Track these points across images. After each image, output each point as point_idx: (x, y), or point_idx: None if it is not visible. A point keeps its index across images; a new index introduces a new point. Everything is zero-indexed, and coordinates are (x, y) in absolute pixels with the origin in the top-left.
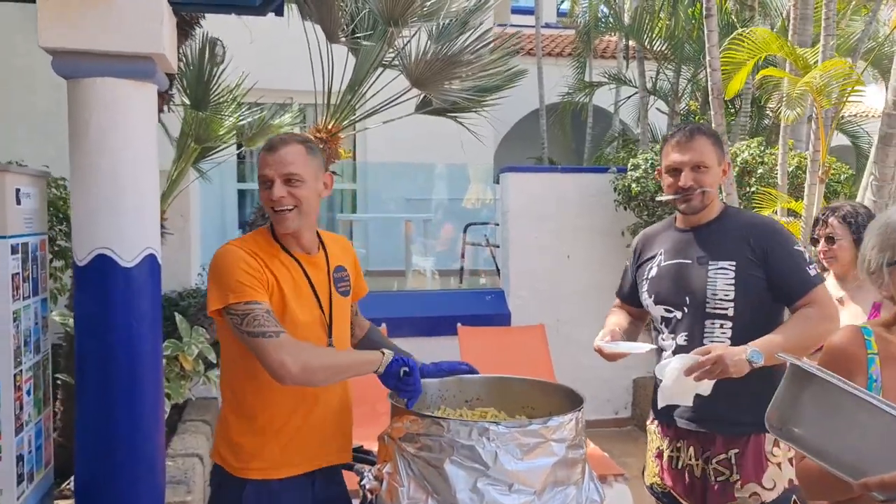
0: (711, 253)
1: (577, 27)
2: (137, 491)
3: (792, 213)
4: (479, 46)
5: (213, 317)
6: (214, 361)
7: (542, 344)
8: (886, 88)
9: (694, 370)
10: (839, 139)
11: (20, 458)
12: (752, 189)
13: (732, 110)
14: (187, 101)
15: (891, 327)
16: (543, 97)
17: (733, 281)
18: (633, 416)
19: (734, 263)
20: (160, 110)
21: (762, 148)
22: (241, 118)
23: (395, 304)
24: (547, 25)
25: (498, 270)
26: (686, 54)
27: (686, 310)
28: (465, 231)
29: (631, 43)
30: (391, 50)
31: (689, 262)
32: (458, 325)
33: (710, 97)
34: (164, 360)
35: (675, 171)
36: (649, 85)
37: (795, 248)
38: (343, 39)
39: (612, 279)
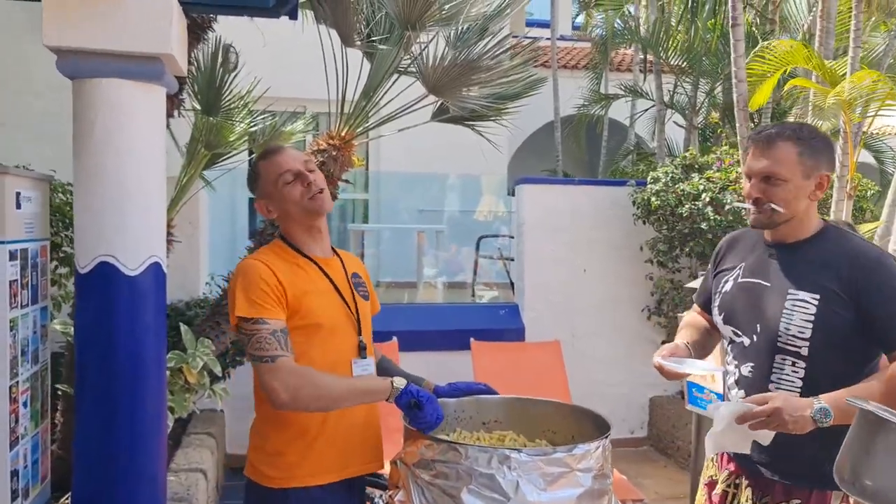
0: (794, 280)
1: (593, 39)
2: None
3: None
4: (498, 52)
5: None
6: (220, 374)
7: (557, 360)
8: None
9: (747, 419)
10: (861, 155)
11: (14, 474)
12: None
13: (751, 125)
14: (198, 106)
15: None
16: (559, 109)
17: (813, 317)
18: (650, 437)
19: (818, 297)
20: (170, 115)
21: None
22: (252, 124)
23: (407, 318)
24: (562, 38)
25: (512, 284)
26: (704, 67)
27: (755, 338)
28: (478, 244)
29: (648, 56)
30: (407, 56)
31: (768, 285)
32: (472, 339)
33: (736, 109)
34: (168, 373)
35: (747, 177)
36: (666, 98)
37: None
38: (358, 43)
39: (628, 293)
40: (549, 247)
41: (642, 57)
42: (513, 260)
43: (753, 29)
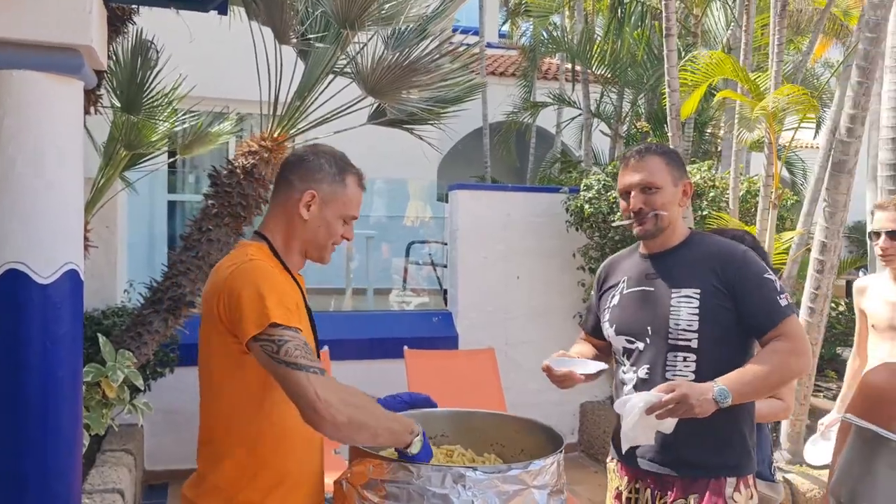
0: (675, 280)
1: (521, 47)
2: None
3: None
4: (438, 56)
5: (247, 348)
6: (142, 388)
7: (492, 368)
8: (823, 118)
9: (656, 409)
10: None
11: None
12: (704, 212)
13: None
14: (117, 103)
15: None
16: (487, 116)
17: (698, 310)
18: (580, 442)
19: (699, 292)
20: (87, 112)
21: (713, 171)
22: (176, 124)
23: (337, 326)
24: (489, 45)
25: (444, 291)
26: (628, 78)
27: (648, 341)
28: (407, 250)
29: (576, 66)
30: (343, 56)
31: (652, 289)
32: (405, 348)
33: (669, 117)
34: (84, 387)
35: (626, 193)
36: (593, 107)
37: (765, 276)
38: (294, 41)
39: (561, 301)
40: (483, 253)
41: (568, 66)
42: (445, 266)
43: (677, 41)
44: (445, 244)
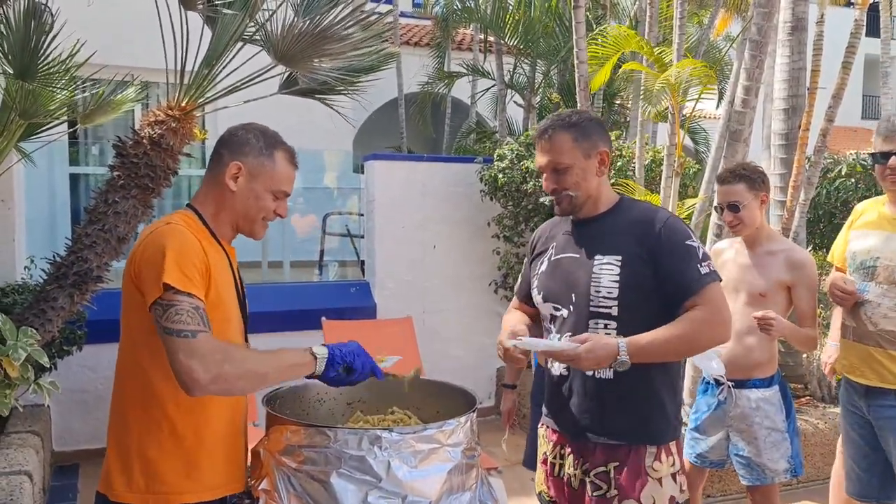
0: (598, 247)
1: (435, 17)
2: None
3: None
4: (350, 23)
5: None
6: (47, 366)
7: (410, 337)
8: (724, 89)
9: (551, 357)
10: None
11: None
12: (612, 181)
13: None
14: (10, 70)
15: None
16: (402, 86)
17: (618, 277)
18: (497, 406)
19: (620, 259)
20: None
21: (621, 141)
22: (76, 92)
23: (255, 298)
24: (403, 14)
25: (362, 262)
26: (540, 49)
27: (572, 308)
28: (324, 221)
29: (489, 37)
30: (252, 23)
31: (577, 256)
32: (323, 318)
33: (577, 89)
34: None
35: (541, 173)
36: (506, 78)
37: (687, 242)
38: (200, 6)
39: (477, 270)
40: (399, 223)
41: (482, 37)
42: (362, 237)
43: (587, 13)
44: (362, 215)
